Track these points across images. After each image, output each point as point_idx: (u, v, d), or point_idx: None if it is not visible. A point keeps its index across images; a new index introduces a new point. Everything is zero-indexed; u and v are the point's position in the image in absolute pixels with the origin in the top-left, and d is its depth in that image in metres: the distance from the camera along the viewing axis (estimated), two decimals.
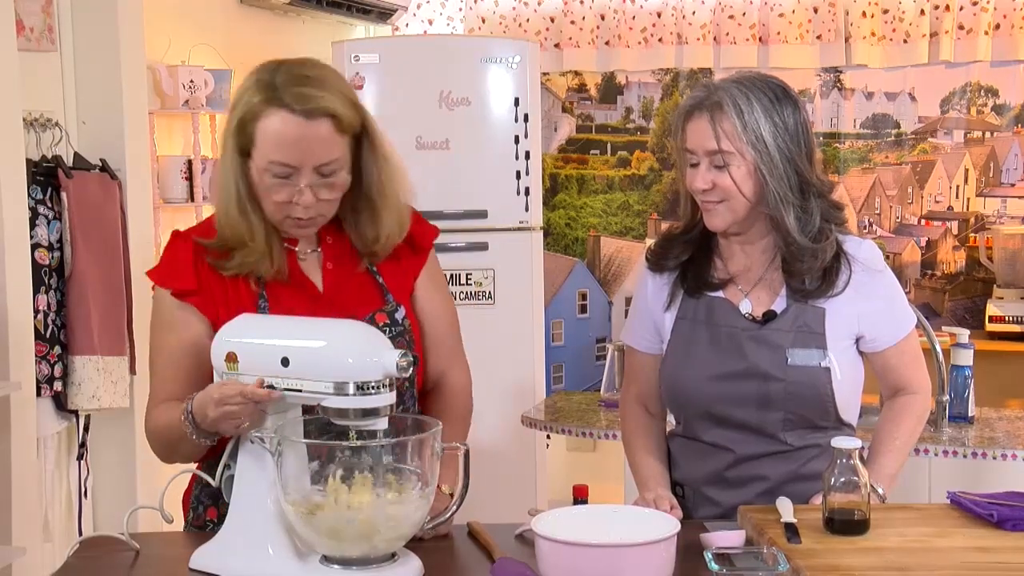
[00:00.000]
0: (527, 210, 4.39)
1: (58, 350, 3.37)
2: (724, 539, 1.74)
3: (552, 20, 5.31)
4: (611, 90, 5.36)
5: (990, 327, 4.68)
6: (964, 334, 3.25)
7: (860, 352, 2.07)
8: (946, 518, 1.83)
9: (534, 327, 4.45)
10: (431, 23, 5.40)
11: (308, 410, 1.76)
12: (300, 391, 1.67)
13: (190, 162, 4.00)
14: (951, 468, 2.98)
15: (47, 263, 3.34)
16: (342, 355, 1.65)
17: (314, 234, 1.95)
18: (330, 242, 1.97)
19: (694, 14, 5.15)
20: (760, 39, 5.11)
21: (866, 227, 5.08)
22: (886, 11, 4.99)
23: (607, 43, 5.27)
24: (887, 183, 5.10)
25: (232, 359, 1.72)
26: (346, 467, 1.66)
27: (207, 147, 4.15)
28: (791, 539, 1.70)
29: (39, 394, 3.29)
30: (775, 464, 2.02)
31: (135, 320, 3.57)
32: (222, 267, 1.89)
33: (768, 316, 2.02)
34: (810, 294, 2.00)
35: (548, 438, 4.43)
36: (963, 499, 1.86)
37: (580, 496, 2.65)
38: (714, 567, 1.54)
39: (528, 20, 5.32)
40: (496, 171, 4.34)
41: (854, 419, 2.08)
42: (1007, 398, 4.28)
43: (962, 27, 4.90)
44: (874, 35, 5.00)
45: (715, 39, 5.15)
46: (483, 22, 5.36)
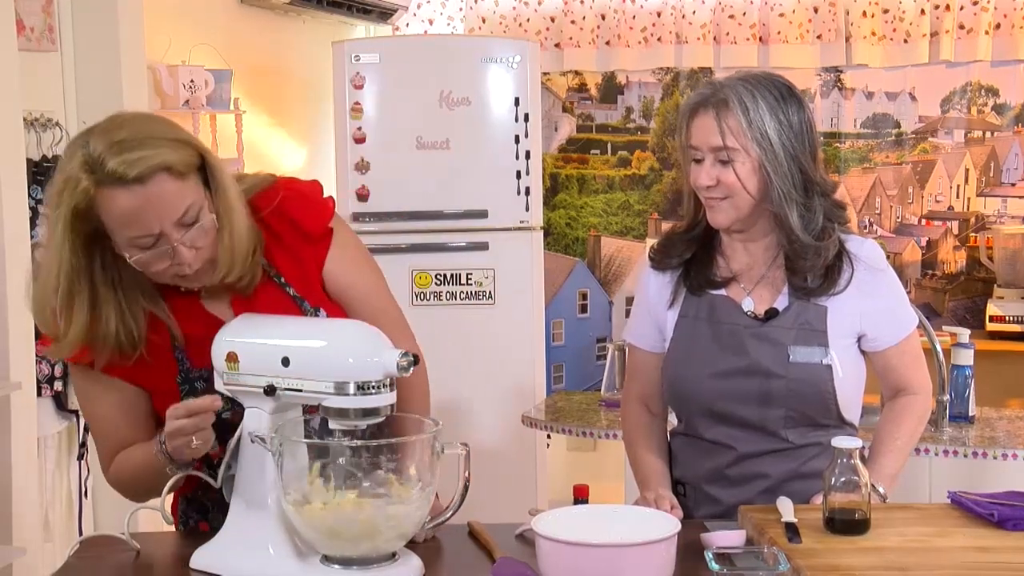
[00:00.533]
0: (527, 210, 4.38)
1: None
2: (724, 539, 1.74)
3: (552, 20, 5.31)
4: (611, 90, 5.36)
5: (990, 327, 4.68)
6: (964, 334, 3.25)
7: (862, 351, 2.07)
8: (947, 518, 1.83)
9: (534, 327, 4.45)
10: (431, 23, 5.40)
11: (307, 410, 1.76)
12: (300, 391, 1.67)
13: None
14: (951, 468, 2.98)
15: None
16: (342, 355, 1.65)
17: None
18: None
19: (694, 14, 5.15)
20: (760, 39, 5.11)
21: (866, 227, 5.08)
22: (886, 11, 4.99)
23: (607, 43, 5.27)
24: (887, 183, 5.10)
25: (232, 359, 1.72)
26: (347, 467, 1.66)
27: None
28: (791, 539, 1.70)
29: (39, 394, 3.29)
30: (776, 462, 2.02)
31: None
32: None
33: (770, 314, 2.02)
34: (812, 292, 2.00)
35: (548, 438, 4.43)
36: (964, 499, 1.86)
37: (580, 496, 2.64)
38: (714, 567, 1.54)
39: (528, 20, 5.32)
40: (496, 171, 4.34)
41: (856, 418, 2.08)
42: (1007, 398, 4.28)
43: (962, 27, 4.90)
44: (874, 35, 5.00)
45: (715, 39, 5.15)
46: (483, 22, 5.36)
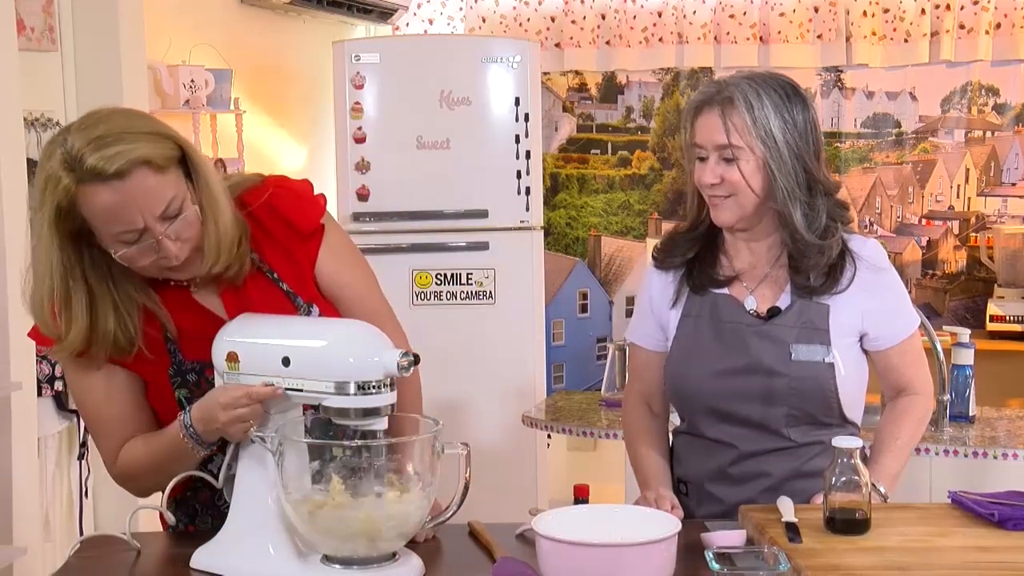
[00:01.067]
0: (528, 210, 4.38)
1: None
2: (725, 539, 1.74)
3: (553, 20, 5.31)
4: (612, 90, 5.36)
5: (991, 327, 4.68)
6: (965, 334, 3.25)
7: (864, 351, 2.07)
8: (947, 518, 1.83)
9: (534, 327, 4.45)
10: (431, 23, 5.40)
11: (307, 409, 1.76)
12: (301, 391, 1.67)
13: None
14: (952, 468, 2.97)
15: None
16: (343, 355, 1.65)
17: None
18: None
19: (695, 13, 5.15)
20: (761, 38, 5.11)
21: (867, 227, 5.08)
22: (887, 10, 4.99)
23: (608, 43, 5.27)
24: (888, 182, 5.10)
25: (233, 359, 1.72)
26: (347, 467, 1.66)
27: (208, 147, 4.14)
28: (792, 539, 1.70)
29: (40, 394, 3.29)
30: (778, 461, 2.02)
31: None
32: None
33: (772, 312, 2.02)
34: (815, 291, 2.00)
35: (549, 438, 4.43)
36: (964, 499, 1.86)
37: (581, 496, 2.64)
38: (715, 567, 1.54)
39: (529, 20, 5.32)
40: (496, 171, 4.34)
41: (858, 417, 2.08)
42: (1008, 397, 4.28)
43: (963, 26, 4.90)
44: (875, 34, 5.00)
45: (716, 38, 5.15)
46: (483, 22, 5.36)
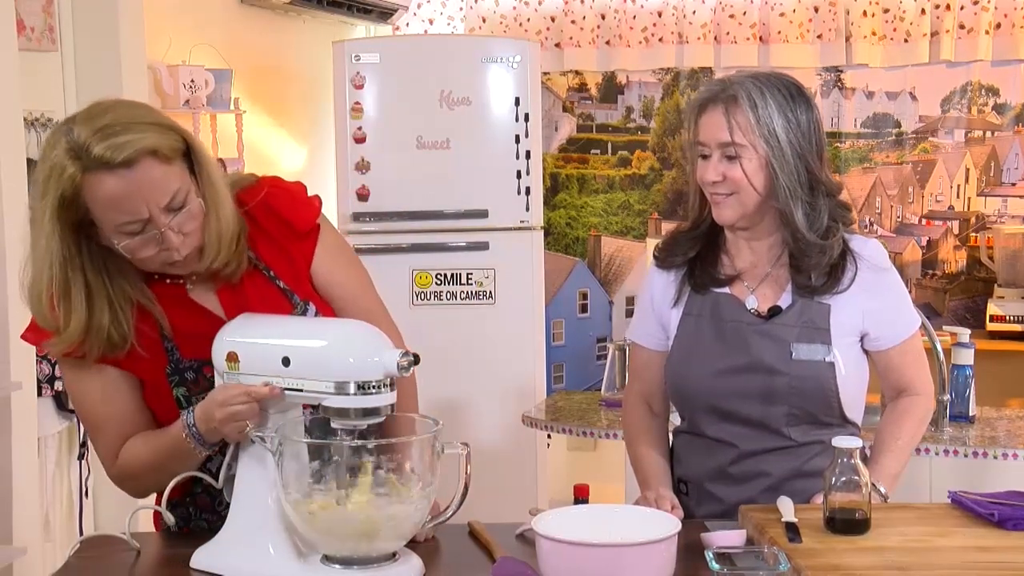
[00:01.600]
0: (527, 210, 4.38)
1: None
2: (725, 539, 1.74)
3: (552, 20, 5.31)
4: (612, 90, 5.36)
5: (991, 326, 4.68)
6: (965, 333, 3.25)
7: (864, 351, 2.07)
8: (947, 518, 1.83)
9: (534, 327, 4.45)
10: (431, 23, 5.40)
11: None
12: (301, 391, 1.67)
13: None
14: (952, 468, 2.97)
15: None
16: (343, 355, 1.65)
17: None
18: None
19: (695, 13, 5.15)
20: (761, 38, 5.11)
21: (867, 227, 5.08)
22: (887, 10, 4.99)
23: (607, 43, 5.27)
24: (888, 182, 5.10)
25: (233, 359, 1.72)
26: (347, 467, 1.66)
27: (208, 147, 4.13)
28: (792, 539, 1.70)
29: (40, 394, 3.29)
30: (778, 460, 2.02)
31: None
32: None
33: (773, 311, 2.03)
34: (816, 290, 2.01)
35: (549, 438, 4.43)
36: (964, 499, 1.86)
37: (581, 496, 2.65)
38: (715, 567, 1.54)
39: (528, 20, 5.32)
40: (496, 171, 4.34)
41: (859, 417, 2.09)
42: (1008, 397, 4.28)
43: (963, 26, 4.90)
44: (875, 34, 5.00)
45: (716, 38, 5.15)
46: (483, 22, 5.36)
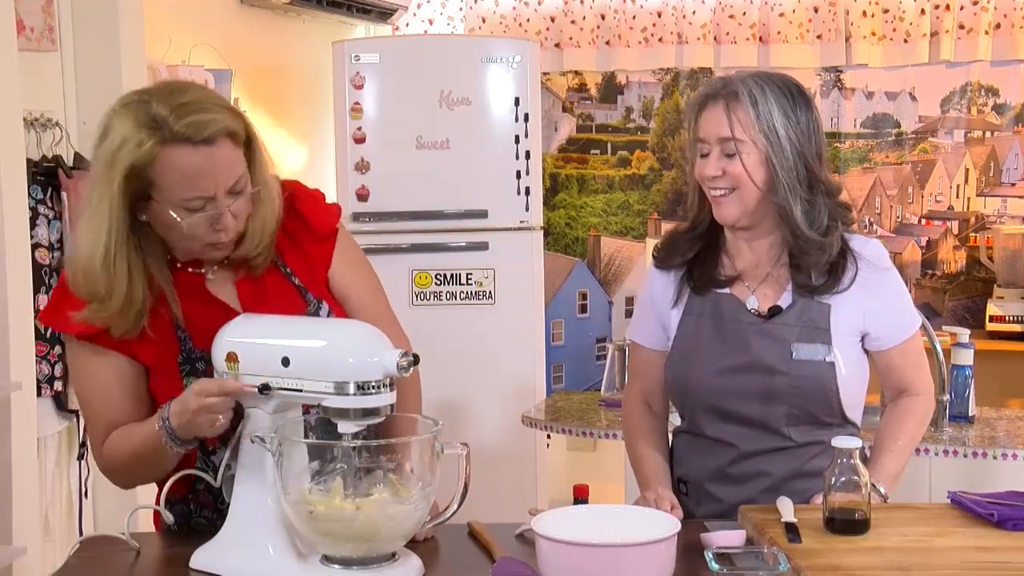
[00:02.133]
0: (527, 210, 4.38)
1: (58, 350, 3.36)
2: (724, 539, 1.74)
3: (552, 20, 5.31)
4: (611, 90, 5.36)
5: (990, 327, 4.68)
6: (964, 334, 3.25)
7: (865, 351, 2.07)
8: (946, 518, 1.83)
9: (534, 327, 4.45)
10: (431, 23, 5.40)
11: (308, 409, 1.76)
12: (300, 391, 1.67)
13: None
14: (951, 468, 2.98)
15: (47, 263, 3.33)
16: (342, 355, 1.65)
17: None
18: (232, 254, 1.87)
19: (694, 14, 5.15)
20: (760, 39, 5.11)
21: (866, 227, 5.08)
22: (886, 11, 4.99)
23: (607, 43, 5.27)
24: (887, 183, 5.10)
25: (232, 359, 1.72)
26: (347, 467, 1.66)
27: None
28: (791, 539, 1.70)
29: (39, 394, 3.29)
30: (778, 461, 2.02)
31: None
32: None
33: (774, 311, 2.03)
34: (816, 290, 2.01)
35: (548, 438, 4.43)
36: (963, 499, 1.86)
37: (580, 496, 2.64)
38: (714, 567, 1.54)
39: (528, 20, 5.32)
40: (496, 171, 4.34)
41: (859, 418, 2.09)
42: (1007, 398, 4.28)
43: (962, 27, 4.90)
44: (874, 35, 5.00)
45: (715, 39, 5.16)
46: (483, 22, 5.36)
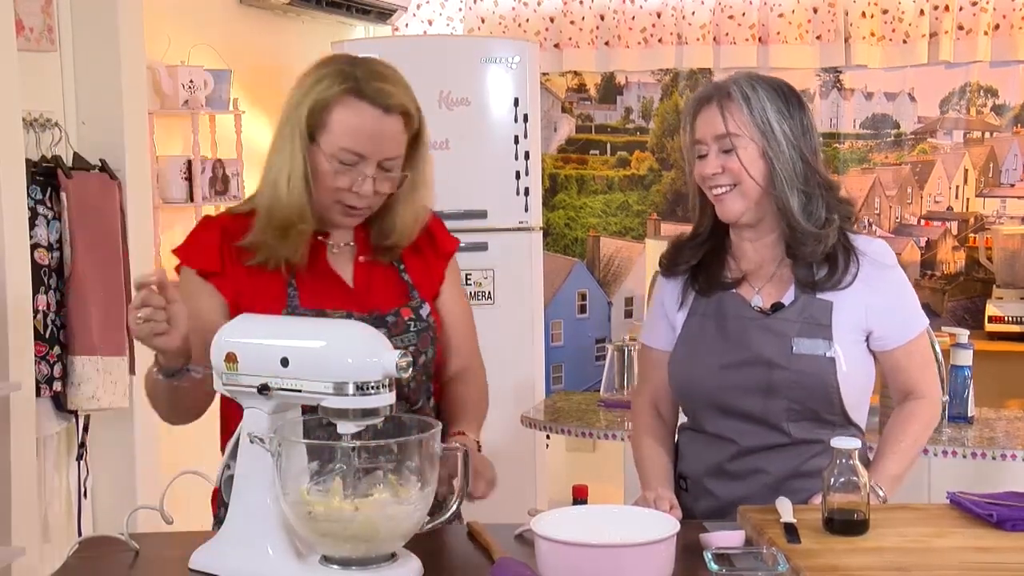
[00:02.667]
0: (527, 210, 4.38)
1: (58, 350, 3.37)
2: (724, 539, 1.74)
3: (552, 20, 5.31)
4: (611, 90, 5.36)
5: (989, 327, 4.68)
6: (964, 334, 3.25)
7: (871, 352, 2.08)
8: (946, 518, 1.83)
9: (534, 327, 4.45)
10: (431, 23, 5.40)
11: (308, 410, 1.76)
12: (300, 391, 1.67)
13: (190, 162, 4.00)
14: (951, 468, 2.98)
15: (47, 263, 3.34)
16: (342, 355, 1.65)
17: (351, 228, 2.01)
18: (363, 236, 2.02)
19: (694, 14, 5.15)
20: (760, 39, 5.11)
21: (866, 227, 5.08)
22: (886, 11, 4.99)
23: (607, 43, 5.27)
24: (886, 183, 5.10)
25: (232, 359, 1.72)
26: (346, 467, 1.66)
27: (207, 147, 4.14)
28: (791, 539, 1.70)
29: (39, 394, 3.29)
30: (777, 458, 2.02)
31: None
32: (248, 259, 1.93)
33: (776, 307, 2.04)
34: (817, 285, 2.02)
35: (548, 438, 4.43)
36: (963, 499, 1.86)
37: (580, 496, 2.64)
38: (714, 567, 1.54)
39: (528, 20, 5.32)
40: (496, 171, 4.34)
41: (862, 419, 2.09)
42: (1007, 398, 4.28)
43: (961, 27, 4.91)
44: (873, 35, 5.00)
45: (715, 39, 5.16)
46: (483, 22, 5.36)
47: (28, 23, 3.35)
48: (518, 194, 4.36)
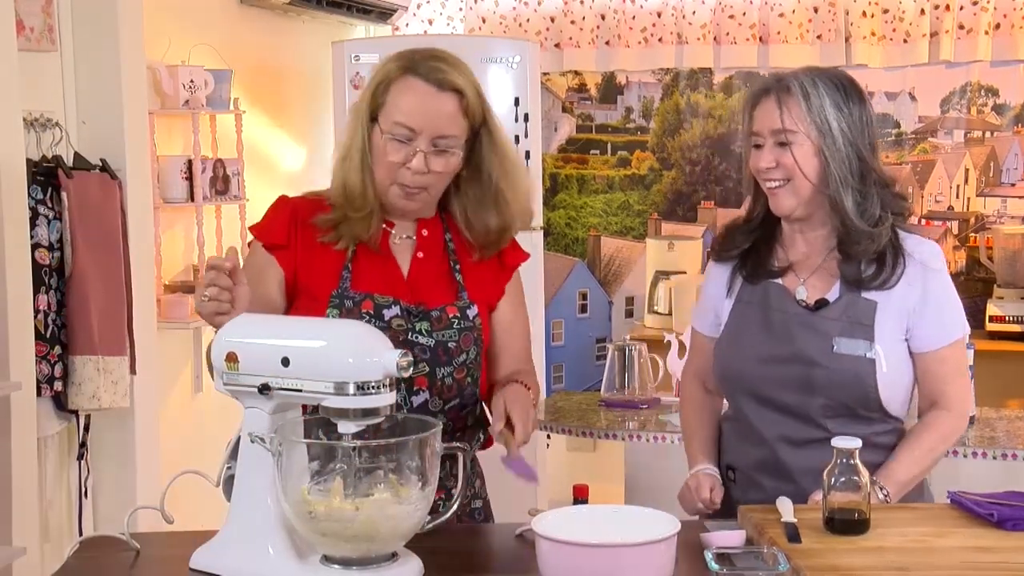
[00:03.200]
0: None
1: (58, 350, 3.37)
2: (724, 539, 1.74)
3: (552, 20, 5.31)
4: (611, 90, 5.36)
5: (990, 327, 4.68)
6: None
7: (911, 353, 2.07)
8: (946, 518, 1.83)
9: (534, 327, 4.42)
10: (431, 23, 5.40)
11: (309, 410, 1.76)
12: (300, 391, 1.67)
13: (190, 162, 4.00)
14: (951, 468, 2.97)
15: (47, 263, 3.34)
16: (342, 355, 1.65)
17: (413, 221, 2.06)
18: (426, 235, 2.07)
19: (694, 14, 5.15)
20: (760, 39, 5.11)
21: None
22: (886, 11, 4.99)
23: (607, 43, 5.27)
24: None
25: (232, 359, 1.72)
26: (347, 467, 1.66)
27: (207, 147, 4.14)
28: (791, 539, 1.70)
29: (39, 394, 3.29)
30: (820, 454, 1.99)
31: (135, 320, 3.56)
32: (321, 235, 2.01)
33: (820, 304, 2.06)
34: (863, 283, 2.03)
35: (548, 438, 4.43)
36: (963, 499, 1.86)
37: (580, 496, 2.64)
38: (714, 567, 1.54)
39: (528, 20, 5.32)
40: None
41: (902, 413, 2.09)
42: (1007, 398, 4.28)
43: (962, 27, 4.90)
44: (874, 35, 5.00)
45: (715, 39, 5.16)
46: (483, 22, 5.36)
47: (28, 23, 3.35)
48: None
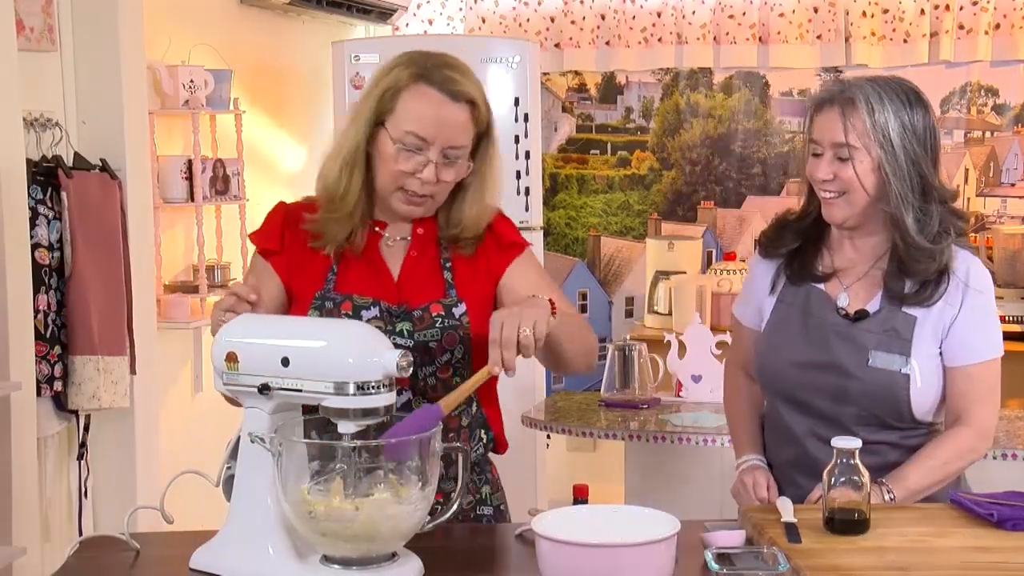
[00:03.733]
0: (527, 210, 4.38)
1: (58, 350, 3.37)
2: (724, 539, 1.74)
3: (552, 20, 5.31)
4: (611, 90, 5.36)
5: None
6: None
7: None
8: (946, 518, 1.83)
9: None
10: (431, 23, 5.40)
11: (310, 410, 1.76)
12: (300, 391, 1.67)
13: (190, 162, 4.00)
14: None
15: (47, 263, 3.34)
16: (342, 355, 1.65)
17: (408, 222, 2.04)
18: (420, 233, 2.05)
19: (694, 14, 5.15)
20: (760, 39, 5.11)
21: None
22: (886, 11, 4.99)
23: (607, 43, 5.27)
24: None
25: (232, 359, 1.72)
26: (347, 467, 1.66)
27: (207, 147, 4.14)
28: (791, 539, 1.70)
29: (39, 394, 3.29)
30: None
31: (135, 320, 3.56)
32: (310, 240, 2.01)
33: (860, 315, 2.05)
34: (905, 299, 2.02)
35: (548, 438, 4.43)
36: (963, 499, 1.86)
37: (580, 496, 2.64)
38: (714, 567, 1.54)
39: (528, 20, 5.32)
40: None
41: (937, 420, 2.09)
42: (1007, 398, 4.24)
43: (962, 27, 4.90)
44: (874, 35, 5.00)
45: (715, 39, 5.16)
46: (483, 22, 5.36)
47: (28, 23, 3.35)
48: (519, 194, 4.35)
